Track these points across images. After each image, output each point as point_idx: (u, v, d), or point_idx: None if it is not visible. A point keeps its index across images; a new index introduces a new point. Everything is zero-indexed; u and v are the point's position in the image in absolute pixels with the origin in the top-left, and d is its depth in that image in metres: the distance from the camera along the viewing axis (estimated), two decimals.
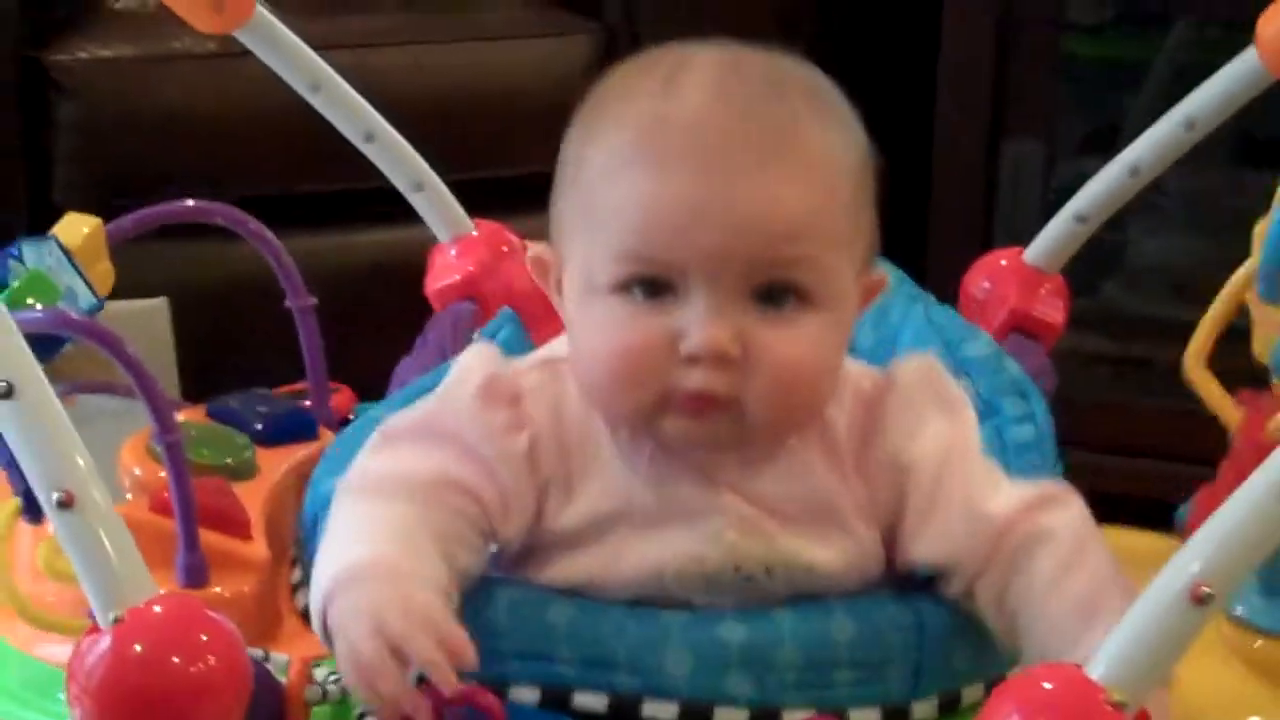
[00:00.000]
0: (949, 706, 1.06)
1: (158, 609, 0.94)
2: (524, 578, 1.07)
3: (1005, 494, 1.07)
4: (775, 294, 1.02)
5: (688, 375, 1.02)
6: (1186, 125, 1.41)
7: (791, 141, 1.03)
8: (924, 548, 1.07)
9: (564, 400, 1.08)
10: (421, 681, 0.97)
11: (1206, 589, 0.89)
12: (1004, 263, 1.51)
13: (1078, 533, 1.06)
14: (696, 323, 1.01)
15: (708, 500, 1.06)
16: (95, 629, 0.94)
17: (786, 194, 1.02)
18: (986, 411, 1.27)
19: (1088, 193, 1.47)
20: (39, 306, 1.22)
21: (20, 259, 1.23)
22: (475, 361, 1.09)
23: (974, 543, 1.06)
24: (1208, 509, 1.13)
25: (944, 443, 1.08)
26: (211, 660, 0.94)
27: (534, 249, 1.11)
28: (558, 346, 1.11)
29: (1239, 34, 1.40)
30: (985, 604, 1.06)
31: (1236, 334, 1.35)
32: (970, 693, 1.07)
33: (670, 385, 1.02)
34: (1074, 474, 1.23)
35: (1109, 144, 2.34)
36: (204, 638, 0.94)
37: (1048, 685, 0.91)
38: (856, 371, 1.11)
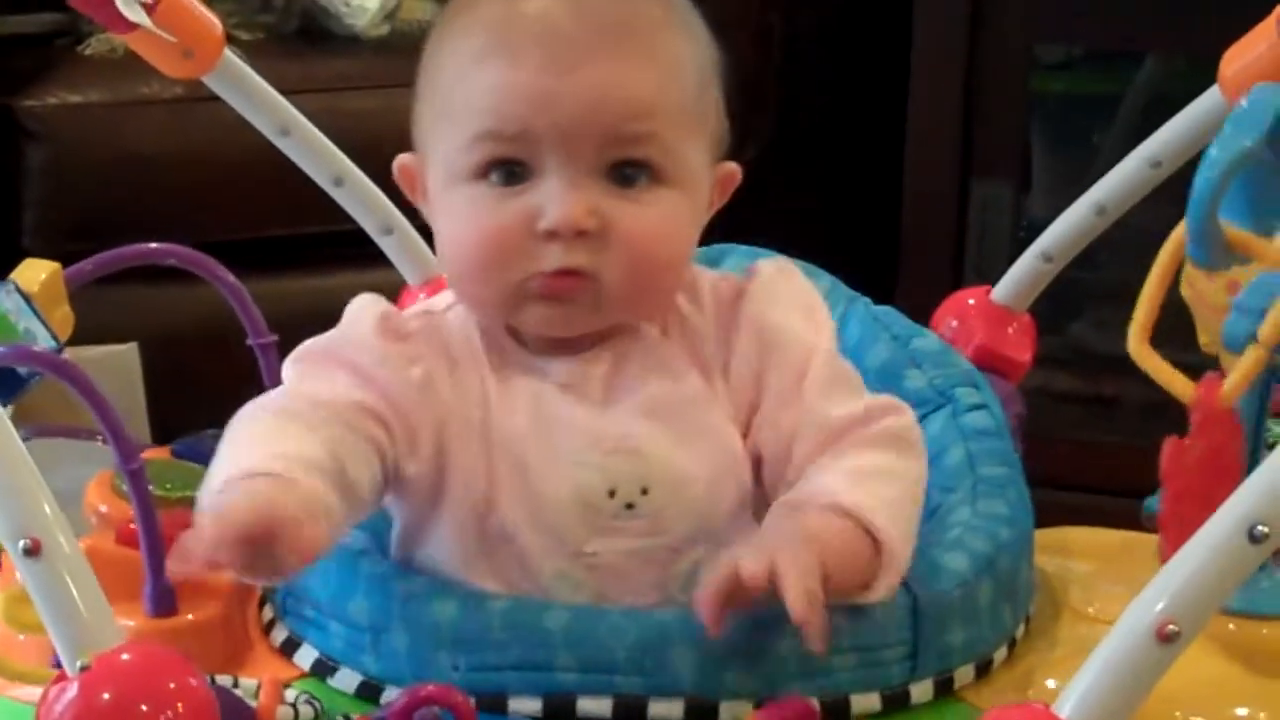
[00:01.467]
0: (943, 687, 1.09)
1: (125, 656, 0.94)
2: (421, 527, 1.10)
3: (850, 401, 1.11)
4: (627, 172, 1.08)
5: (546, 254, 1.07)
6: (1152, 163, 1.41)
7: (634, 33, 1.09)
8: (766, 437, 1.11)
9: (447, 338, 1.12)
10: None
11: (1173, 627, 0.90)
12: (972, 301, 1.51)
13: (897, 435, 1.10)
14: (552, 199, 1.06)
15: (576, 426, 1.09)
16: (63, 676, 0.94)
17: (631, 77, 1.07)
18: (940, 400, 1.29)
19: (1054, 231, 1.47)
20: None
21: None
22: (367, 301, 1.14)
23: (810, 444, 1.09)
24: (1177, 471, 1.13)
25: (806, 337, 1.12)
26: (180, 707, 0.93)
27: (400, 158, 1.16)
28: (433, 301, 1.17)
29: (1209, 68, 1.40)
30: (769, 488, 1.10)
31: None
32: (962, 673, 1.10)
33: (532, 268, 1.07)
34: (1042, 512, 1.24)
35: (1079, 182, 2.35)
36: (172, 685, 0.94)
37: None
38: (713, 275, 1.15)
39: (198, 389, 2.13)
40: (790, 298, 1.14)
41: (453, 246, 1.11)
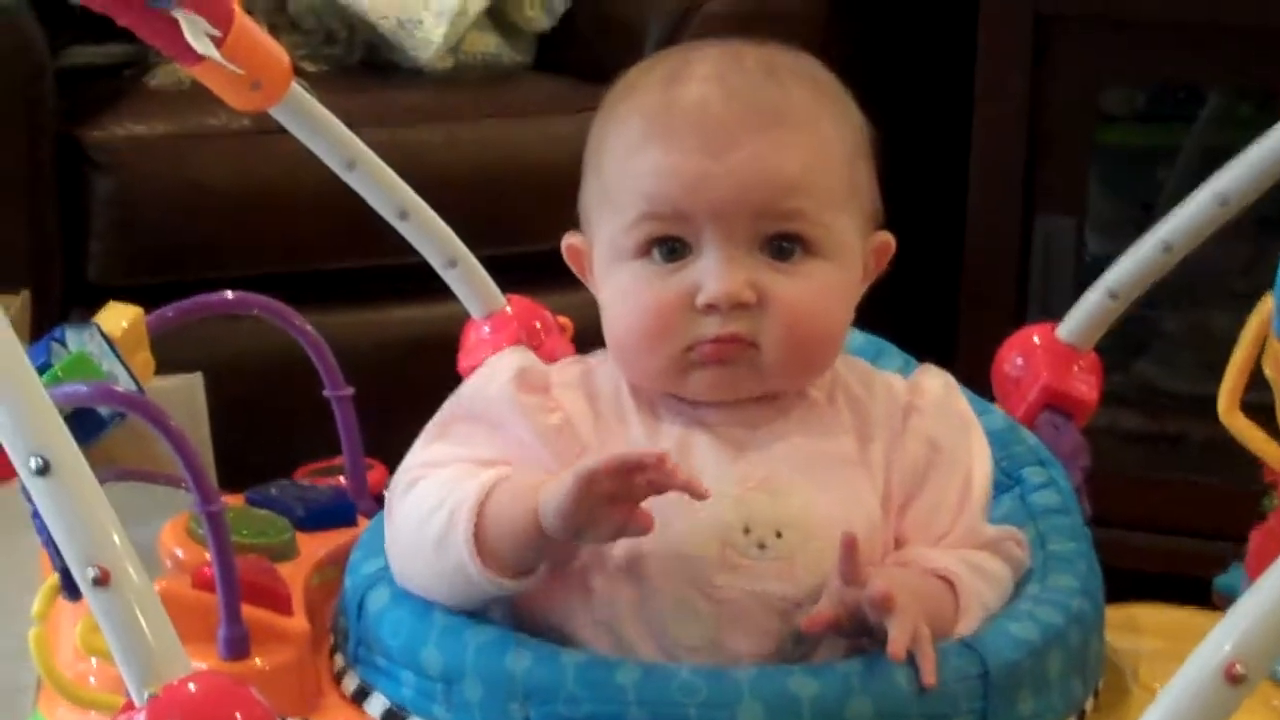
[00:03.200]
0: None
1: (192, 686, 0.94)
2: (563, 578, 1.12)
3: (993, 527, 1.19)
4: (783, 245, 1.13)
5: (707, 325, 1.12)
6: (1220, 201, 1.40)
7: (783, 116, 1.14)
8: (914, 536, 1.16)
9: (594, 384, 1.18)
10: None
11: (1240, 669, 0.89)
12: (1037, 339, 1.50)
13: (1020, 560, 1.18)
14: (710, 275, 1.12)
15: (722, 464, 1.13)
16: (130, 706, 0.95)
17: (781, 156, 1.13)
18: (1008, 482, 1.29)
19: (1121, 269, 1.46)
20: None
21: (63, 343, 1.24)
22: (506, 357, 1.20)
23: (952, 541, 1.15)
24: (1262, 551, 1.13)
25: (968, 454, 1.18)
26: None
27: (567, 238, 1.22)
28: (583, 357, 1.22)
29: (1272, 107, 1.39)
30: None
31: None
32: None
33: (692, 339, 1.12)
34: (1108, 551, 1.23)
35: (1142, 221, 2.34)
36: (238, 715, 0.94)
37: None
38: (883, 374, 1.22)
39: (262, 420, 2.15)
40: (958, 419, 1.20)
41: (618, 320, 1.16)
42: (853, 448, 1.16)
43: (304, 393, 1.46)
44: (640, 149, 1.14)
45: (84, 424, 1.19)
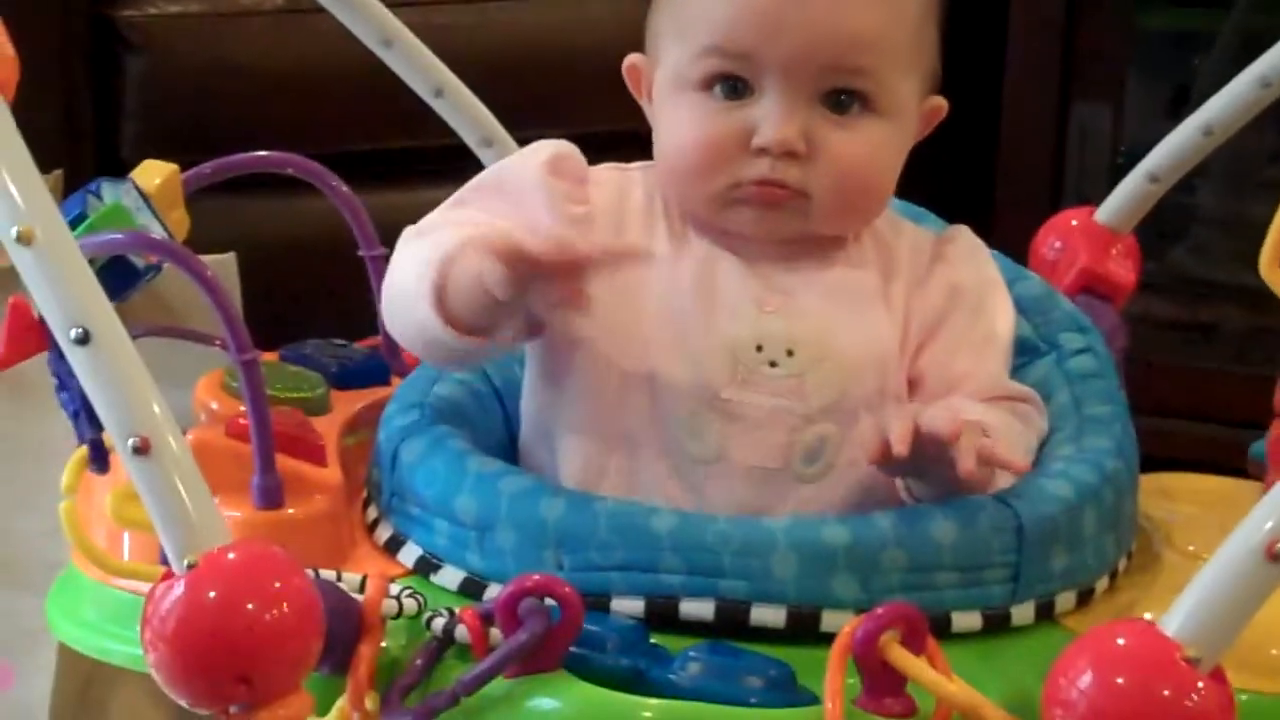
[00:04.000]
0: (1044, 611, 1.09)
1: (232, 555, 0.95)
2: (560, 365, 1.16)
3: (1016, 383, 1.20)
4: (842, 99, 1.14)
5: (757, 166, 1.14)
6: (1262, 84, 1.39)
7: None
8: (931, 372, 1.17)
9: (628, 189, 1.19)
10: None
11: None
12: (1075, 222, 1.50)
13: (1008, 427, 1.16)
14: (768, 120, 1.13)
15: (742, 284, 1.15)
16: (169, 574, 0.95)
17: (858, 11, 1.14)
18: (1045, 347, 1.29)
19: (1161, 152, 1.46)
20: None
21: (99, 195, 1.24)
22: (550, 143, 1.20)
23: (973, 385, 1.16)
24: None
25: (995, 300, 1.20)
26: (285, 606, 0.94)
27: (630, 57, 1.22)
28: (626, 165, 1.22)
29: None
30: None
31: None
32: (1064, 599, 1.10)
33: (741, 176, 1.14)
34: (1142, 439, 1.23)
35: (1178, 108, 2.32)
36: (277, 584, 0.95)
37: (1122, 641, 0.91)
38: (914, 226, 1.23)
39: (294, 300, 2.15)
40: (985, 273, 1.22)
41: (671, 147, 1.17)
42: (875, 282, 1.18)
43: (337, 273, 1.46)
44: None
45: (118, 276, 1.19)
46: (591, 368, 1.15)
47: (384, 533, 1.16)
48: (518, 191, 1.17)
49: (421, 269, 1.12)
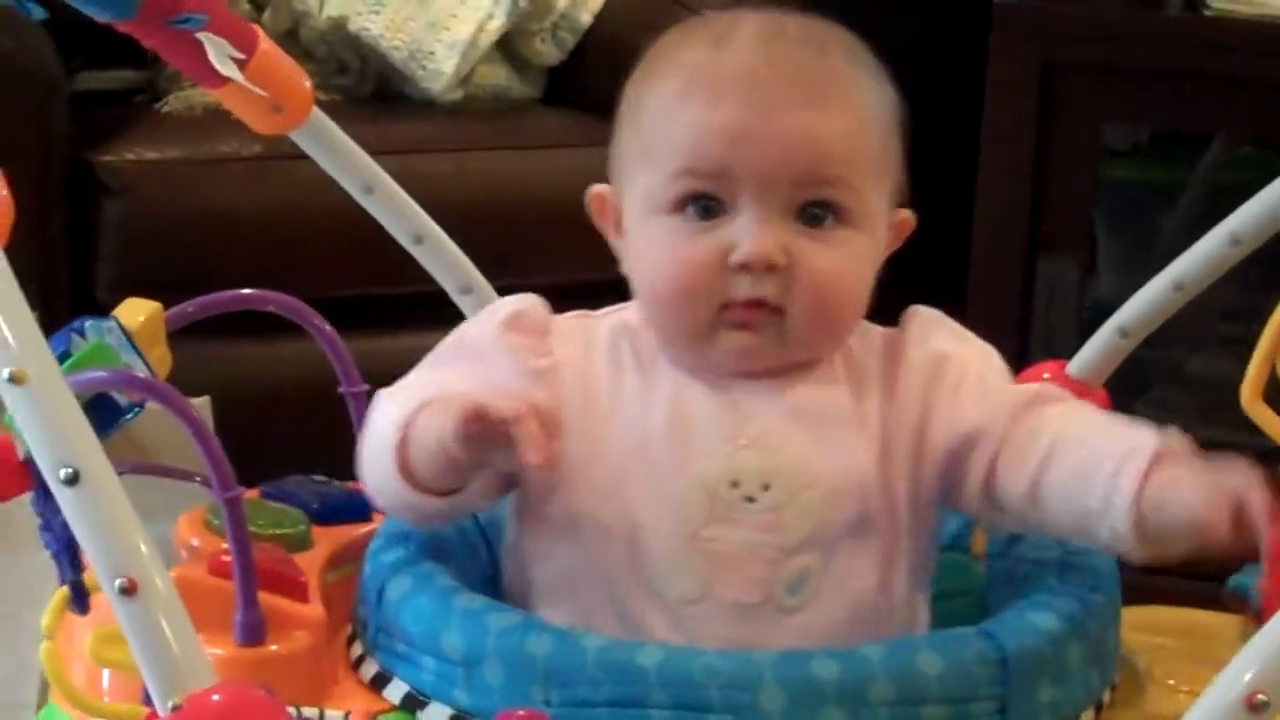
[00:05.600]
0: None
1: (216, 697, 0.94)
2: (538, 513, 1.16)
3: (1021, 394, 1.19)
4: (816, 212, 1.14)
5: (737, 284, 1.13)
6: (1232, 240, 1.42)
7: (828, 84, 1.15)
8: (952, 420, 1.16)
9: (593, 334, 1.19)
10: None
11: (1262, 696, 0.90)
12: (1047, 376, 1.51)
13: (1085, 408, 1.19)
14: (745, 235, 1.13)
15: (715, 417, 1.15)
16: (153, 716, 0.95)
17: (825, 124, 1.14)
18: None
19: (1132, 307, 1.47)
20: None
21: (83, 334, 1.25)
22: (511, 300, 1.21)
23: (995, 411, 1.16)
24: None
25: (963, 349, 1.20)
26: None
27: (595, 188, 1.22)
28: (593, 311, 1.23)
29: (1273, 157, 1.40)
30: (1005, 476, 1.14)
31: None
32: None
33: (723, 298, 1.13)
34: (1121, 572, 1.24)
35: (1143, 262, 2.34)
36: None
37: None
38: (873, 326, 1.21)
39: (270, 445, 2.15)
40: (949, 329, 1.21)
41: (649, 274, 1.17)
42: (847, 402, 1.17)
43: (313, 417, 1.47)
44: (684, 104, 1.15)
45: (101, 415, 1.20)
46: (570, 513, 1.16)
47: (370, 669, 1.16)
48: (480, 352, 1.18)
49: (388, 430, 1.13)
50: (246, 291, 1.43)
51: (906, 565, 1.17)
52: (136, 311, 1.32)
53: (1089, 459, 1.11)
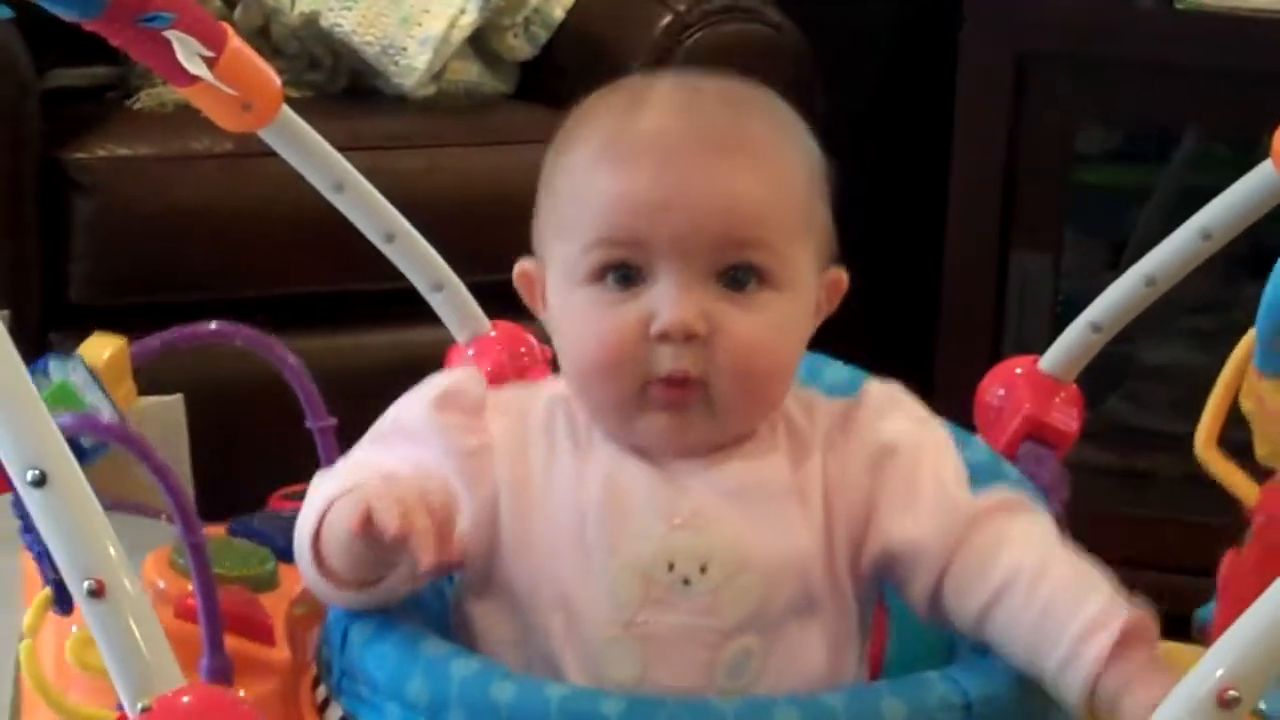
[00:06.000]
0: None
1: (186, 699, 0.95)
2: (480, 584, 1.13)
3: (975, 494, 1.15)
4: (738, 276, 1.11)
5: (659, 357, 1.10)
6: (1204, 235, 1.42)
7: (744, 143, 1.12)
8: (898, 528, 1.12)
9: (529, 408, 1.16)
10: None
11: (1233, 692, 0.90)
12: (1019, 370, 1.51)
13: (1045, 536, 1.12)
14: (665, 303, 1.10)
15: (650, 495, 1.11)
16: (123, 718, 0.95)
17: (741, 185, 1.11)
18: None
19: (1104, 302, 1.47)
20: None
21: (46, 373, 1.24)
22: (445, 377, 1.19)
23: (944, 527, 1.11)
24: (1234, 580, 1.13)
25: (918, 438, 1.15)
26: None
27: (520, 264, 1.19)
28: (532, 385, 1.21)
29: (1244, 153, 1.40)
30: (953, 599, 1.11)
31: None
32: None
33: (645, 374, 1.10)
34: None
35: (1115, 258, 2.34)
36: None
37: None
38: (827, 400, 1.18)
39: (242, 442, 2.15)
40: (902, 411, 1.17)
41: (572, 347, 1.14)
42: (785, 474, 1.13)
43: (285, 416, 1.46)
44: (597, 173, 1.12)
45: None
46: (509, 590, 1.13)
47: (334, 713, 1.15)
48: (411, 433, 1.15)
49: (310, 516, 1.11)
50: (213, 326, 1.43)
51: (859, 640, 1.15)
52: (101, 348, 1.31)
53: (1048, 620, 1.07)
